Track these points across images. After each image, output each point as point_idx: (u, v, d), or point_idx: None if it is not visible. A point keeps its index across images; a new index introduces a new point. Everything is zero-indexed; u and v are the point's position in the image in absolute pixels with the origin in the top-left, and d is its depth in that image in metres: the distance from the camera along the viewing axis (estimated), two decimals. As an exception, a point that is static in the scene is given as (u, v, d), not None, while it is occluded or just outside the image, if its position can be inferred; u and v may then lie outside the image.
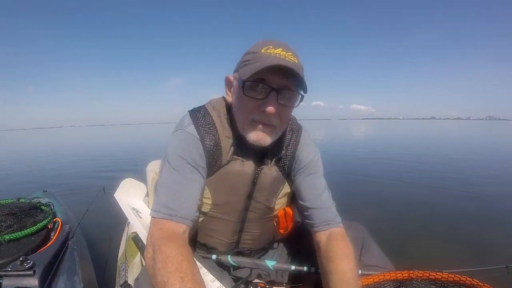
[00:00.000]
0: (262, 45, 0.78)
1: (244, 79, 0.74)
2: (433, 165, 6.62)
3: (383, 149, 10.66)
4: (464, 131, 27.98)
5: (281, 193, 0.98)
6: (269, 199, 0.95)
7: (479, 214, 3.25)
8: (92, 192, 2.14)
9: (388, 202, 3.71)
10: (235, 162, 0.88)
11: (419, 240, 2.58)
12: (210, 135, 0.85)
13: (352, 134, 20.22)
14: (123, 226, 1.96)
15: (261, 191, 0.92)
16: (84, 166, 7.14)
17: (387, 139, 15.44)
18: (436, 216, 3.24)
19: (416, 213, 3.33)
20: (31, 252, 1.32)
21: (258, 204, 0.95)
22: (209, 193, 0.90)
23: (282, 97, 0.77)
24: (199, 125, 0.85)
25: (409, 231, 2.82)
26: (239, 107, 0.82)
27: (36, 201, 1.76)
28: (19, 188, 4.61)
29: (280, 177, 0.95)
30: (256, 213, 0.96)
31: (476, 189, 4.28)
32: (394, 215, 3.24)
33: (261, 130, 0.79)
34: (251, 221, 0.97)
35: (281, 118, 0.81)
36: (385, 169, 6.08)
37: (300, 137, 0.97)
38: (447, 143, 13.76)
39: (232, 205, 0.93)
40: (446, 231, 2.83)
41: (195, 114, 0.89)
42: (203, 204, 0.91)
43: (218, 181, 0.89)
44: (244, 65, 0.78)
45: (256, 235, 1.01)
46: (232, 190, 0.90)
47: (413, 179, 5.03)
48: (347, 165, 6.72)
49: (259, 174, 0.89)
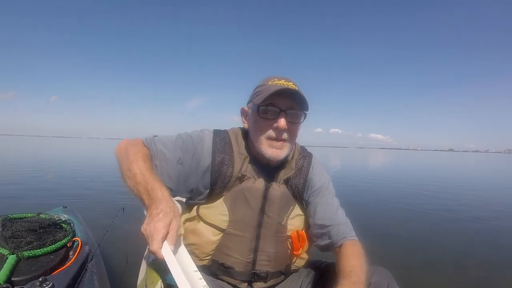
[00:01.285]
0: (269, 79, 0.98)
1: (258, 104, 0.93)
2: (466, 202, 6.25)
3: (405, 180, 10.24)
4: (485, 164, 27.00)
5: (292, 213, 1.06)
6: (280, 214, 1.04)
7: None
8: (111, 210, 2.08)
9: (416, 243, 3.44)
10: (248, 180, 1.00)
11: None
12: (225, 153, 1.00)
13: (376, 164, 19.55)
14: (142, 250, 1.88)
15: (271, 205, 1.01)
16: (104, 182, 7.04)
17: (414, 171, 14.74)
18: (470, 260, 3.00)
19: (445, 256, 3.10)
20: (49, 271, 1.27)
21: (270, 219, 1.02)
22: (226, 210, 1.00)
23: (289, 116, 0.94)
24: (216, 141, 1.02)
25: (436, 274, 2.61)
26: (255, 129, 0.98)
27: (56, 218, 1.72)
28: (38, 199, 4.57)
29: (289, 196, 1.05)
30: (269, 229, 1.03)
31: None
32: (421, 259, 2.98)
33: (276, 147, 0.95)
34: (265, 238, 1.03)
35: (290, 133, 0.97)
36: (411, 203, 5.76)
37: (311, 162, 1.12)
38: (478, 177, 13.19)
39: (246, 220, 1.01)
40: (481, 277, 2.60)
41: (218, 132, 1.06)
42: (221, 221, 1.00)
43: (233, 197, 1.00)
44: (256, 95, 0.97)
45: (271, 255, 1.05)
46: (246, 204, 1.00)
47: (442, 218, 4.74)
48: (369, 198, 6.39)
49: (269, 189, 1.01)
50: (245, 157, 1.02)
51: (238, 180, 1.00)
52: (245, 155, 1.02)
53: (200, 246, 1.02)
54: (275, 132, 0.95)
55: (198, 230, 1.02)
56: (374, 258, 0.98)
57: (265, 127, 0.95)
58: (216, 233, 1.01)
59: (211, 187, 1.00)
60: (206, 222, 1.01)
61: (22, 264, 1.26)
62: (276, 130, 0.94)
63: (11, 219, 1.61)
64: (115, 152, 1.02)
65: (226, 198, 1.00)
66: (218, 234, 1.01)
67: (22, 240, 1.39)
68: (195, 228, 1.02)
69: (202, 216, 1.02)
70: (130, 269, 1.92)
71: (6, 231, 1.44)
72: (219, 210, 1.00)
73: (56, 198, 4.77)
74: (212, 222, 1.00)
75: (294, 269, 1.15)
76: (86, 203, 4.51)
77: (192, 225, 1.04)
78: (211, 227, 1.01)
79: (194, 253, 1.03)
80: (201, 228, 1.01)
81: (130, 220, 3.42)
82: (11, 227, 1.47)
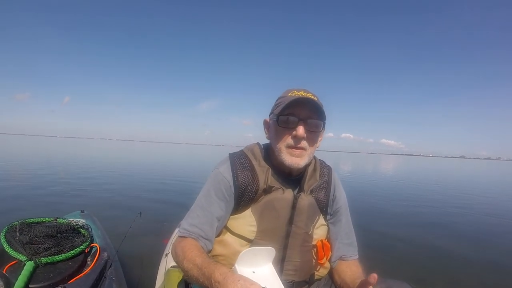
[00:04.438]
0: (288, 91, 1.03)
1: (278, 114, 0.97)
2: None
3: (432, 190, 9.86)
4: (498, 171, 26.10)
5: (317, 223, 1.08)
6: (308, 224, 1.05)
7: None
8: (128, 214, 2.04)
9: (442, 258, 3.26)
10: (277, 191, 1.01)
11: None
12: (245, 169, 1.04)
13: (391, 172, 18.79)
14: (158, 255, 1.83)
15: (300, 216, 1.03)
16: (120, 184, 7.02)
17: (432, 181, 14.02)
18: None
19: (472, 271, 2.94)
20: (67, 278, 1.23)
21: (298, 229, 1.03)
22: (254, 220, 1.00)
23: (308, 125, 0.97)
24: (234, 162, 1.05)
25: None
26: (276, 138, 1.00)
27: (74, 223, 1.69)
28: (55, 203, 4.53)
29: (315, 206, 1.07)
30: (296, 239, 1.03)
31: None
32: (445, 273, 2.84)
33: (295, 155, 0.97)
34: (292, 248, 1.03)
35: (309, 142, 0.99)
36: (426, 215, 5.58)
37: (334, 176, 1.16)
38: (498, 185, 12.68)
39: (274, 230, 1.01)
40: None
41: (233, 155, 1.10)
42: (248, 232, 1.00)
43: (262, 208, 1.01)
44: (277, 106, 1.01)
45: (297, 264, 1.05)
46: (275, 215, 1.01)
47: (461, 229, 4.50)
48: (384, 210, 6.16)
49: (298, 200, 1.02)
50: (267, 169, 1.04)
51: (265, 191, 1.02)
52: (266, 167, 1.05)
53: (227, 257, 1.01)
54: (294, 140, 0.97)
55: (225, 241, 1.02)
56: (395, 271, 0.91)
57: (285, 136, 0.98)
58: (244, 244, 1.01)
59: (237, 201, 1.02)
60: (233, 233, 1.02)
61: (40, 271, 1.22)
62: (295, 138, 0.97)
63: (29, 223, 1.58)
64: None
65: (254, 209, 1.02)
66: (245, 244, 1.01)
67: (40, 246, 1.36)
68: (223, 239, 1.03)
69: (229, 227, 1.03)
70: (146, 275, 1.88)
71: (23, 236, 1.41)
72: (247, 221, 1.01)
73: (73, 201, 4.75)
74: (239, 233, 1.01)
75: (317, 278, 1.15)
76: (103, 206, 4.46)
77: (219, 236, 1.04)
78: (239, 238, 1.01)
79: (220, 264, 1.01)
80: (228, 239, 1.02)
81: (147, 225, 3.39)
82: (28, 232, 1.45)
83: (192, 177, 9.44)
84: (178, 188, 6.94)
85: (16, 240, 1.38)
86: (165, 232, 2.57)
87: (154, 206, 4.74)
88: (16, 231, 1.45)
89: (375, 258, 2.63)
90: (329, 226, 1.14)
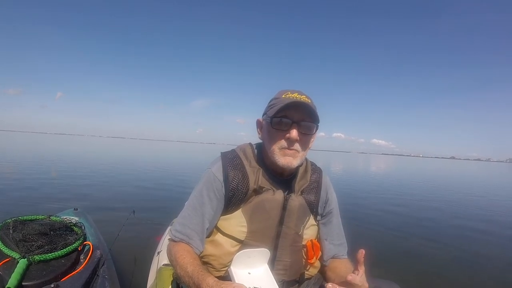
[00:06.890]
0: (282, 92, 1.03)
1: (271, 116, 0.97)
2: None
3: (419, 190, 9.86)
4: (490, 172, 26.45)
5: (307, 224, 1.09)
6: (298, 225, 1.06)
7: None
8: (121, 211, 2.04)
9: (422, 256, 3.33)
10: (268, 192, 1.02)
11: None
12: (236, 169, 1.04)
13: (382, 172, 18.77)
14: (151, 253, 1.86)
15: (290, 217, 1.03)
16: (113, 182, 7.02)
17: (424, 181, 14.08)
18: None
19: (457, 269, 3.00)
20: (60, 276, 1.24)
21: (289, 230, 1.04)
22: (245, 221, 1.01)
23: (301, 127, 0.97)
24: (226, 162, 1.05)
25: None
26: (269, 139, 1.01)
27: (68, 221, 1.70)
28: (48, 200, 4.53)
29: (306, 207, 1.08)
30: (287, 239, 1.05)
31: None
32: (432, 272, 2.87)
33: (289, 155, 0.98)
34: (282, 248, 1.05)
35: (302, 144, 1.00)
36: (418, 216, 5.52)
37: (325, 178, 1.17)
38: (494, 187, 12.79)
39: (265, 231, 1.02)
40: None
41: (225, 154, 1.10)
42: (239, 233, 1.01)
43: (252, 209, 1.01)
44: (270, 108, 1.01)
45: (287, 264, 1.06)
46: (265, 216, 1.01)
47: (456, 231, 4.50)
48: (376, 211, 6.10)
49: (288, 201, 1.03)
50: (258, 169, 1.05)
51: (255, 192, 1.03)
52: (257, 168, 1.05)
53: (218, 257, 1.02)
54: (287, 142, 0.98)
55: (216, 242, 1.02)
56: (381, 271, 0.95)
57: (278, 137, 0.99)
58: (235, 244, 1.01)
59: (228, 201, 1.03)
60: (224, 233, 1.02)
61: (33, 268, 1.24)
62: (288, 140, 0.97)
63: (22, 221, 1.59)
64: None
65: (244, 210, 1.02)
66: (236, 245, 1.02)
67: (33, 243, 1.37)
68: (214, 240, 1.04)
69: (220, 228, 1.03)
70: (139, 273, 1.90)
71: (17, 233, 1.42)
72: (238, 221, 1.01)
73: (66, 198, 4.73)
74: (230, 234, 1.01)
75: (307, 277, 1.16)
76: (96, 204, 4.45)
77: (210, 236, 1.05)
78: (230, 238, 1.02)
79: (211, 264, 1.03)
80: (219, 239, 1.03)
81: (140, 223, 3.39)
82: (22, 230, 1.45)
83: (184, 175, 9.52)
84: (171, 185, 6.97)
85: (9, 237, 1.38)
86: (158, 230, 2.60)
87: (147, 204, 4.76)
88: (9, 228, 1.46)
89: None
90: (320, 227, 1.15)
